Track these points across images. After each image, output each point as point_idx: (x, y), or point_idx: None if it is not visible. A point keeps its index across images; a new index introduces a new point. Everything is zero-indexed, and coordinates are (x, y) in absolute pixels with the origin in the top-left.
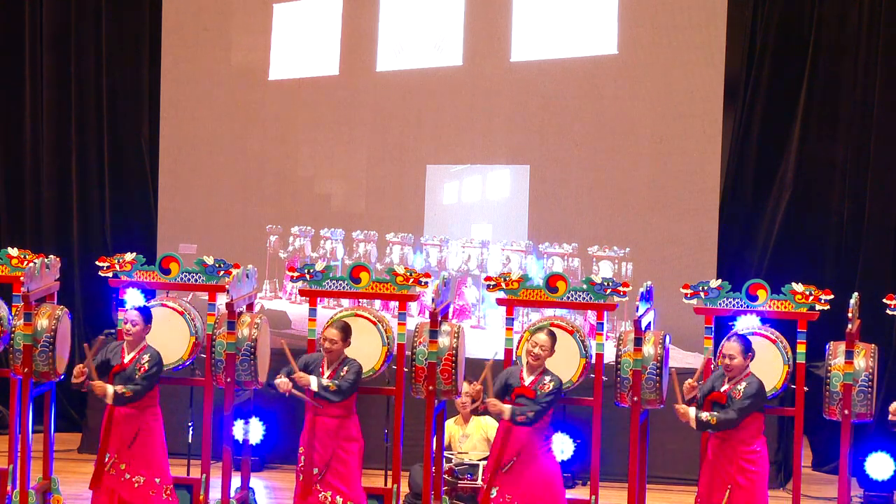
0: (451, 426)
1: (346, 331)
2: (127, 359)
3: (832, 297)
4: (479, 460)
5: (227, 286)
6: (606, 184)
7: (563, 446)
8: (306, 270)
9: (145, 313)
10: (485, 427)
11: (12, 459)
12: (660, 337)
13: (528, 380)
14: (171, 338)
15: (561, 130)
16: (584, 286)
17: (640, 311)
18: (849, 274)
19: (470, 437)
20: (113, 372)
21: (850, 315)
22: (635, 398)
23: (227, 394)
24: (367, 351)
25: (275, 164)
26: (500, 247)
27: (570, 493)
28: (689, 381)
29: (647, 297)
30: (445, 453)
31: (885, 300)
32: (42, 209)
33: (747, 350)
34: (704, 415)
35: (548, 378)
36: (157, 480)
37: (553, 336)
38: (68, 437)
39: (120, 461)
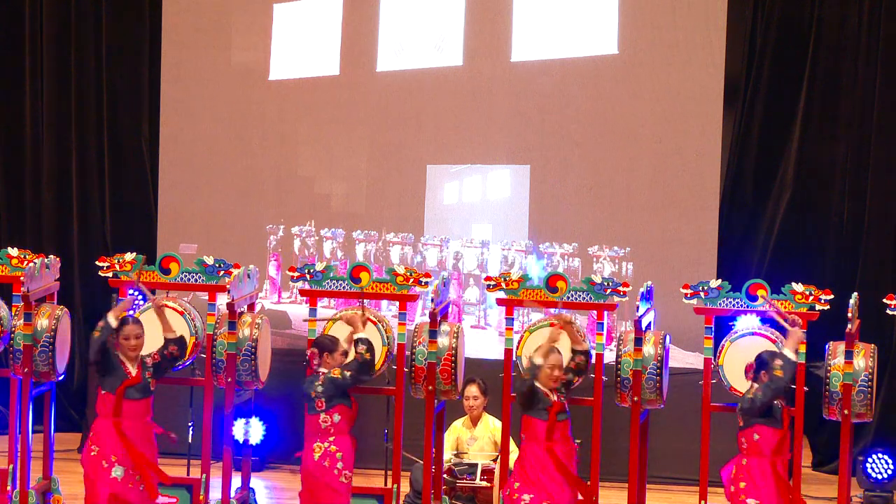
0: (458, 428)
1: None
2: (134, 372)
3: (832, 297)
4: (492, 461)
5: (227, 286)
6: (606, 184)
7: None
8: (306, 270)
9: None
10: (493, 430)
11: (12, 459)
12: (660, 337)
13: (553, 398)
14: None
15: (561, 130)
16: (584, 286)
17: (640, 311)
18: (849, 274)
19: (478, 441)
20: (126, 385)
21: (849, 315)
22: (635, 398)
23: (227, 394)
24: None
25: (275, 164)
26: (500, 247)
27: None
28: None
29: (647, 297)
30: (451, 455)
31: (885, 300)
32: (42, 209)
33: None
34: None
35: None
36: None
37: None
38: (68, 437)
39: (136, 473)
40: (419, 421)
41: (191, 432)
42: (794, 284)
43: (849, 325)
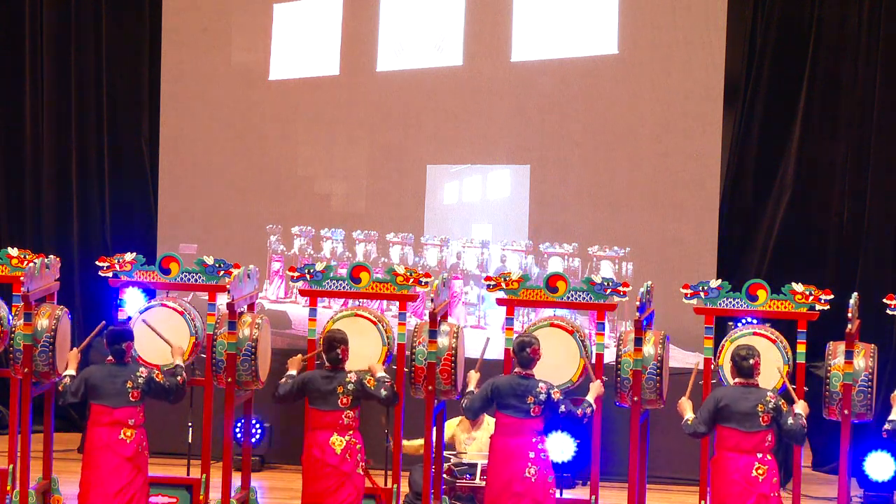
0: (454, 427)
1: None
2: None
3: (832, 297)
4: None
5: (227, 286)
6: (606, 184)
7: (563, 446)
8: (306, 270)
9: None
10: (492, 430)
11: (12, 459)
12: (660, 337)
13: None
14: (170, 337)
15: (561, 130)
16: (584, 286)
17: (640, 312)
18: (849, 274)
19: (477, 440)
20: None
21: (849, 315)
22: (635, 398)
23: (227, 394)
24: (367, 351)
25: (275, 164)
26: (500, 247)
27: (569, 493)
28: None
29: (646, 297)
30: (446, 453)
31: (885, 300)
32: (42, 209)
33: None
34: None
35: None
36: None
37: None
38: (68, 437)
39: None
40: (419, 421)
41: (191, 432)
42: (794, 284)
43: (849, 325)
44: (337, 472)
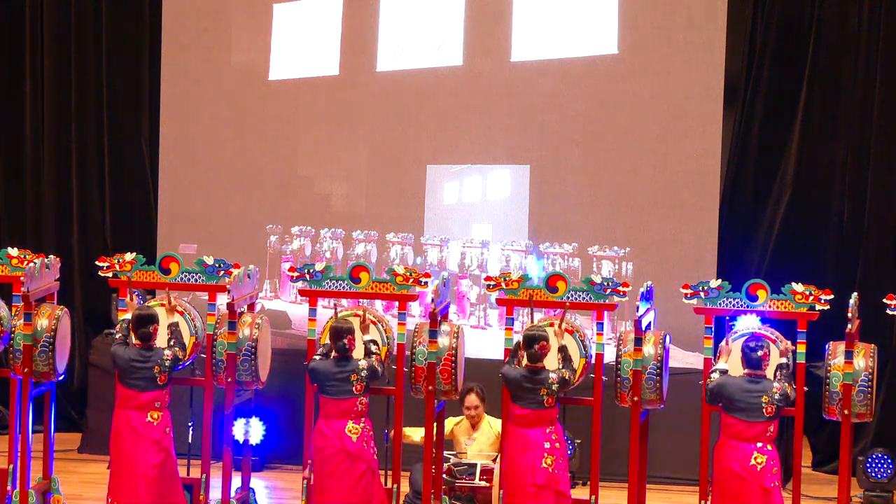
0: (453, 424)
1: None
2: None
3: (832, 297)
4: (491, 461)
5: (227, 286)
6: (606, 184)
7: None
8: (306, 270)
9: None
10: (494, 430)
11: (12, 459)
12: (660, 337)
13: None
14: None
15: (561, 130)
16: (584, 286)
17: (640, 311)
18: (849, 274)
19: (477, 441)
20: None
21: (849, 315)
22: (635, 398)
23: (227, 394)
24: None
25: (275, 164)
26: (500, 247)
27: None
28: None
29: (647, 297)
30: (446, 453)
31: (885, 300)
32: (42, 209)
33: None
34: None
35: None
36: None
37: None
38: (68, 437)
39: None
40: (419, 421)
41: (191, 432)
42: (794, 284)
43: (849, 325)
44: (358, 461)
